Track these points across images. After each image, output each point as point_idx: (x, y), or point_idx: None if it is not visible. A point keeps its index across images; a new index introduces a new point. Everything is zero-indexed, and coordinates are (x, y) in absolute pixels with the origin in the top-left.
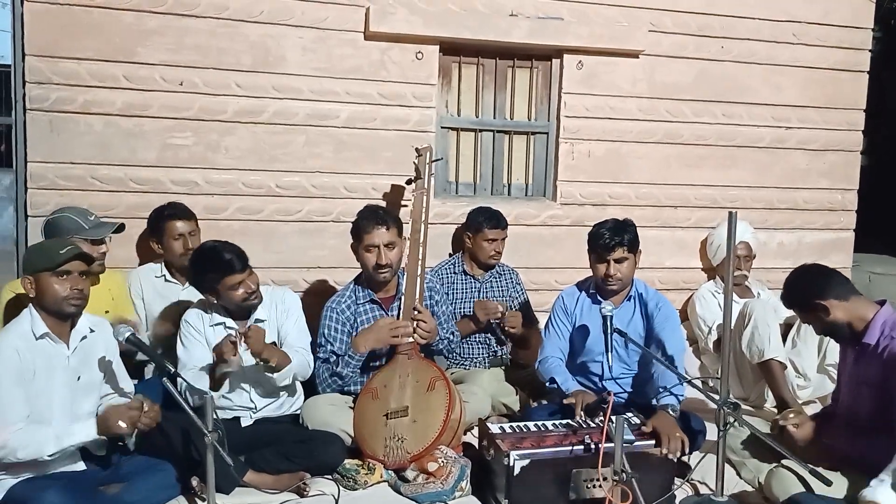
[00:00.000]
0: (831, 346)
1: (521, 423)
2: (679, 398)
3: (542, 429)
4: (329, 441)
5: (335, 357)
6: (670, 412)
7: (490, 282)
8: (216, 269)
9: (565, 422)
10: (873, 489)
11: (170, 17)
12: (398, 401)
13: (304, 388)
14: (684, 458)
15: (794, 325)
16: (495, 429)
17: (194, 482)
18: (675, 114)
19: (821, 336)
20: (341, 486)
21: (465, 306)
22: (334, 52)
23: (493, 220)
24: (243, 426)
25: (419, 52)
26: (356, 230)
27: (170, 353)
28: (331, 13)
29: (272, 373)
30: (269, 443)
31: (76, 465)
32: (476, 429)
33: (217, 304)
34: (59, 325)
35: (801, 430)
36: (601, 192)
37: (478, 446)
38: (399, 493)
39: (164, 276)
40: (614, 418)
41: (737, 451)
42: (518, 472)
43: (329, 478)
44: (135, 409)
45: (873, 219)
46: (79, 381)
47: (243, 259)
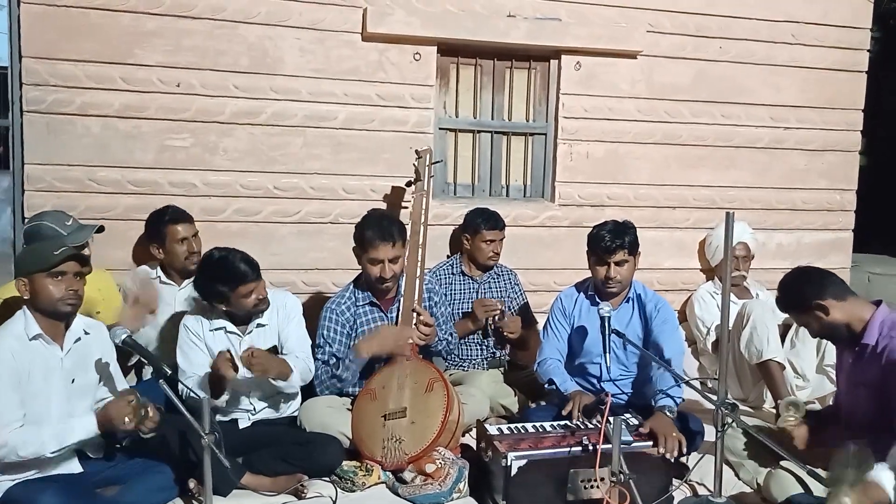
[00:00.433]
0: (830, 346)
1: (519, 425)
2: (677, 400)
3: (540, 430)
4: (327, 443)
5: (335, 359)
6: (667, 413)
7: (489, 283)
8: (230, 279)
9: (563, 423)
10: (877, 471)
11: (167, 18)
12: (396, 402)
13: (302, 390)
14: (682, 459)
15: (793, 325)
16: (493, 430)
17: (191, 484)
18: (674, 114)
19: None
20: (339, 488)
21: (463, 307)
22: (332, 54)
23: (491, 221)
24: (241, 428)
25: (417, 53)
26: (360, 239)
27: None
28: (328, 14)
29: (276, 382)
30: (267, 445)
31: (73, 466)
32: (474, 430)
33: (217, 308)
34: (54, 326)
35: (797, 429)
36: (600, 193)
37: (476, 448)
38: (397, 494)
39: (158, 277)
40: (612, 419)
41: (735, 452)
42: (515, 472)
43: (327, 480)
44: (134, 407)
45: (872, 219)
46: (73, 383)
47: (255, 268)
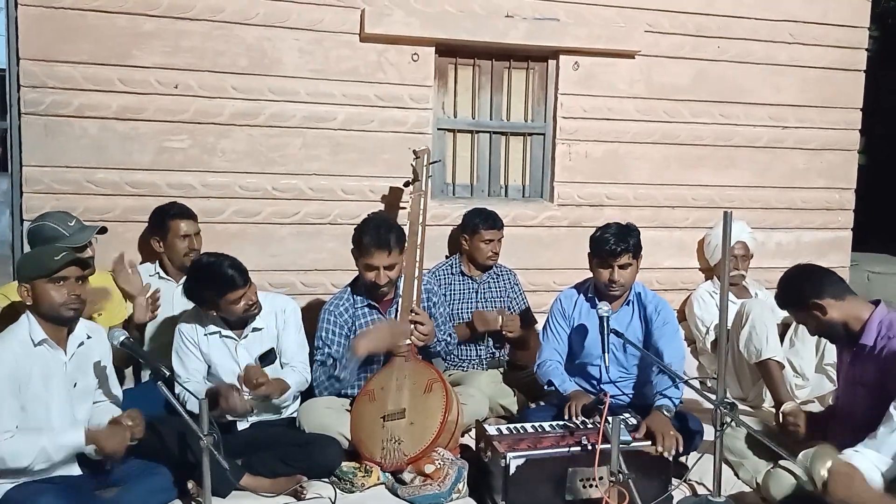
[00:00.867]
0: (829, 345)
1: (518, 425)
2: (675, 401)
3: (540, 430)
4: (326, 444)
5: (332, 360)
6: (664, 413)
7: (488, 283)
8: (218, 285)
9: (562, 423)
10: (854, 453)
11: (165, 20)
12: (395, 403)
13: (301, 391)
14: (682, 459)
15: (792, 324)
16: (492, 430)
17: (190, 486)
18: (673, 114)
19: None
20: (338, 489)
21: (462, 307)
22: (330, 55)
23: (489, 221)
24: (240, 430)
25: (415, 53)
26: (358, 243)
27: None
28: (327, 15)
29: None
30: (266, 446)
31: (72, 469)
32: (473, 430)
33: (213, 315)
34: (57, 331)
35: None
36: (599, 192)
37: (475, 448)
38: (396, 495)
39: (157, 273)
40: (610, 419)
41: (734, 452)
42: (514, 471)
43: (326, 481)
44: (126, 429)
45: (871, 218)
46: (75, 387)
47: (244, 274)
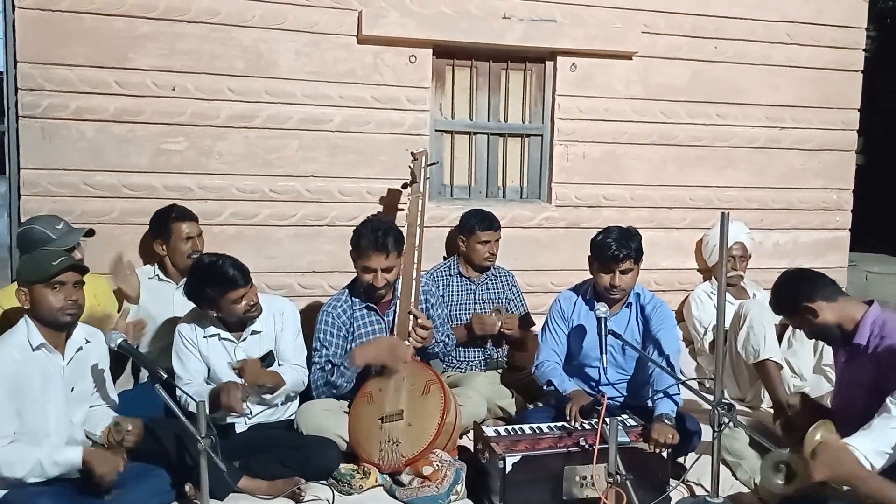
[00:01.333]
0: (828, 346)
1: (517, 426)
2: (676, 400)
3: (538, 431)
4: (324, 446)
5: (331, 365)
6: (665, 421)
7: (486, 284)
8: (219, 285)
9: (560, 424)
10: (849, 442)
11: (161, 22)
12: (393, 405)
13: (299, 393)
14: (679, 460)
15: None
16: (490, 431)
17: (188, 488)
18: (670, 115)
19: None
20: (336, 491)
21: (460, 309)
22: (327, 56)
23: (486, 222)
24: (238, 432)
25: (412, 55)
26: (356, 246)
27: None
28: (323, 17)
29: (267, 394)
30: (264, 448)
31: (71, 472)
32: (472, 432)
33: (212, 316)
34: (55, 335)
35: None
36: (596, 193)
37: (473, 449)
38: (394, 497)
39: (157, 276)
40: (608, 420)
41: (733, 452)
42: (510, 469)
43: (324, 483)
44: (120, 457)
45: (870, 217)
46: (72, 391)
47: (245, 273)
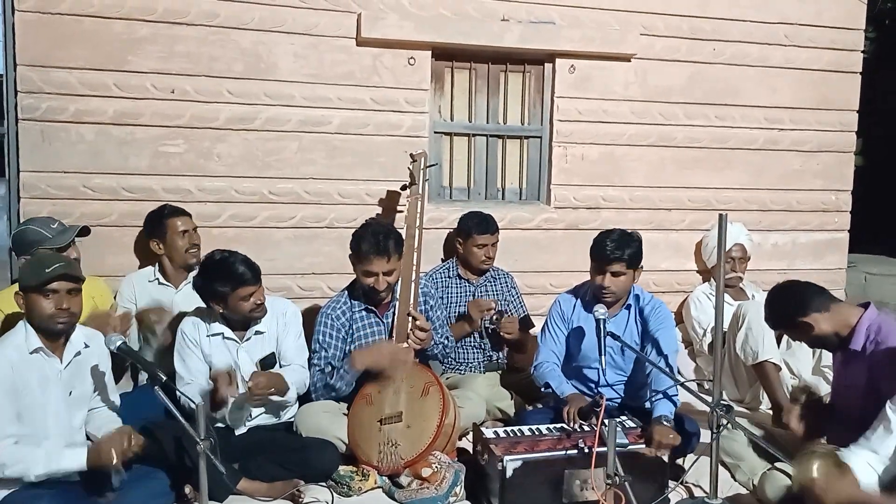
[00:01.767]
0: None
1: (515, 428)
2: (675, 401)
3: (537, 433)
4: (323, 448)
5: (330, 367)
6: (664, 423)
7: (485, 286)
8: (230, 281)
9: (559, 426)
10: (851, 452)
11: (160, 25)
12: (392, 406)
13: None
14: (678, 461)
15: None
16: (489, 433)
17: (188, 490)
18: (668, 117)
19: None
20: (335, 493)
21: (460, 311)
22: (326, 59)
23: (483, 225)
24: (237, 434)
25: (411, 57)
26: (356, 249)
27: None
28: (322, 19)
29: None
30: (264, 450)
31: (71, 474)
32: (471, 433)
33: (216, 313)
34: (52, 339)
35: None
36: (595, 195)
37: (472, 451)
38: (393, 499)
39: (157, 279)
40: (607, 421)
41: (731, 454)
42: (510, 474)
43: (323, 485)
44: (126, 439)
45: (869, 219)
46: (71, 395)
47: (256, 272)
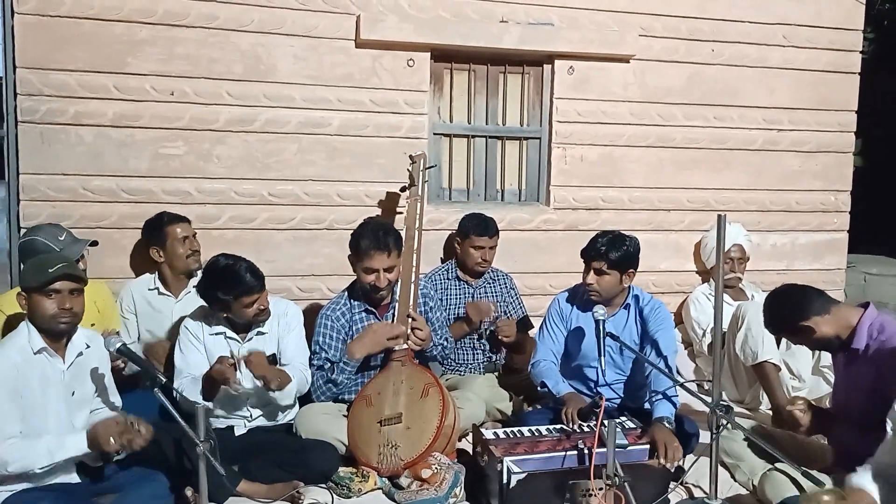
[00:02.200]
0: None
1: (515, 429)
2: (674, 402)
3: (536, 434)
4: (323, 449)
5: (330, 364)
6: (665, 424)
7: (484, 287)
8: (234, 289)
9: (559, 427)
10: (859, 475)
11: (160, 27)
12: (392, 408)
13: (298, 396)
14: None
15: None
16: (489, 434)
17: (188, 492)
18: (667, 117)
19: None
20: (335, 495)
21: (459, 312)
22: (326, 60)
23: (482, 227)
24: (237, 435)
25: (411, 59)
26: (356, 248)
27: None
28: (322, 21)
29: (274, 392)
30: (263, 452)
31: (70, 476)
32: (470, 434)
33: (218, 315)
34: (55, 340)
35: (804, 415)
36: (594, 196)
37: (472, 452)
38: (393, 500)
39: (157, 288)
40: (606, 422)
41: (731, 454)
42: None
43: (323, 486)
44: (122, 427)
45: (869, 219)
46: (73, 395)
47: (261, 279)
